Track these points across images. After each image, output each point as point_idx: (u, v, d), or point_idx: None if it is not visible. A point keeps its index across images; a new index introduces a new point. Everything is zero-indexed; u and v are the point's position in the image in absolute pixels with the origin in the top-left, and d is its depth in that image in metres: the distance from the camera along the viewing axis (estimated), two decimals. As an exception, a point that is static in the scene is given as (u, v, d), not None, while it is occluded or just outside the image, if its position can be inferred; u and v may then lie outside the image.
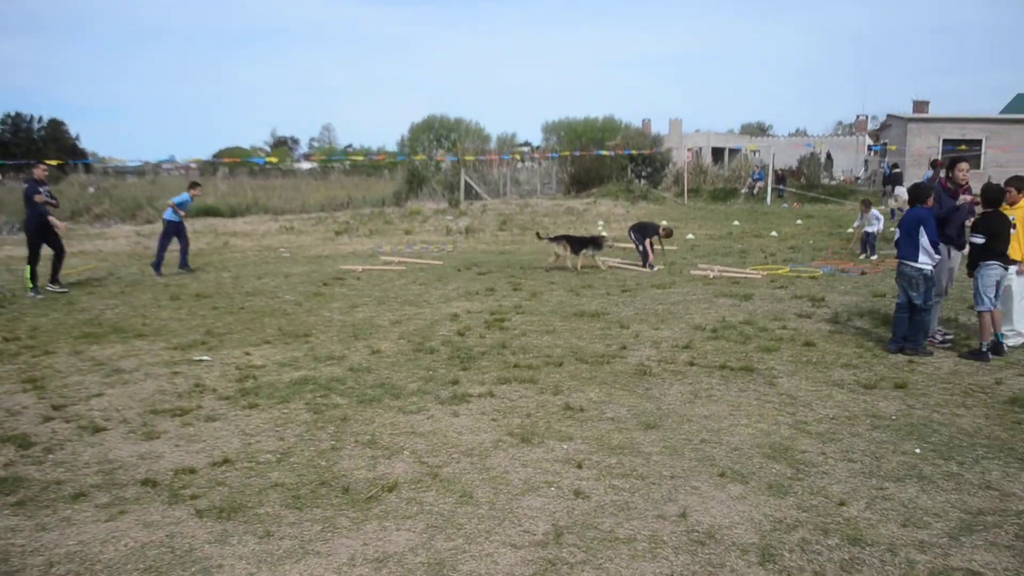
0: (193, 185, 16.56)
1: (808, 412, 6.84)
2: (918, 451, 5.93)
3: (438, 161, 38.41)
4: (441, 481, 5.37)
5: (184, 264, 15.71)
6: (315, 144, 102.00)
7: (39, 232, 13.13)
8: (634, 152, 37.83)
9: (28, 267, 13.08)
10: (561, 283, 13.73)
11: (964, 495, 5.19)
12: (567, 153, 40.51)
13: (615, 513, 4.89)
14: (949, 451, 5.94)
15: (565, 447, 5.98)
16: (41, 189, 13.14)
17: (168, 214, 15.73)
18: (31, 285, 12.96)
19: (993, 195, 8.55)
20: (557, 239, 15.76)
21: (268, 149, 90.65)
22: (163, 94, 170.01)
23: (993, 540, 4.58)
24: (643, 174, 39.27)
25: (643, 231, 16.13)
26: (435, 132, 76.83)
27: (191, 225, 25.66)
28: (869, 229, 17.50)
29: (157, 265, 15.26)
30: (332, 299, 12.21)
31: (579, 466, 5.59)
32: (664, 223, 19.11)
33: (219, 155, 68.53)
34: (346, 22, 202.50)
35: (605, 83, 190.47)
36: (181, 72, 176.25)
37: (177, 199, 15.82)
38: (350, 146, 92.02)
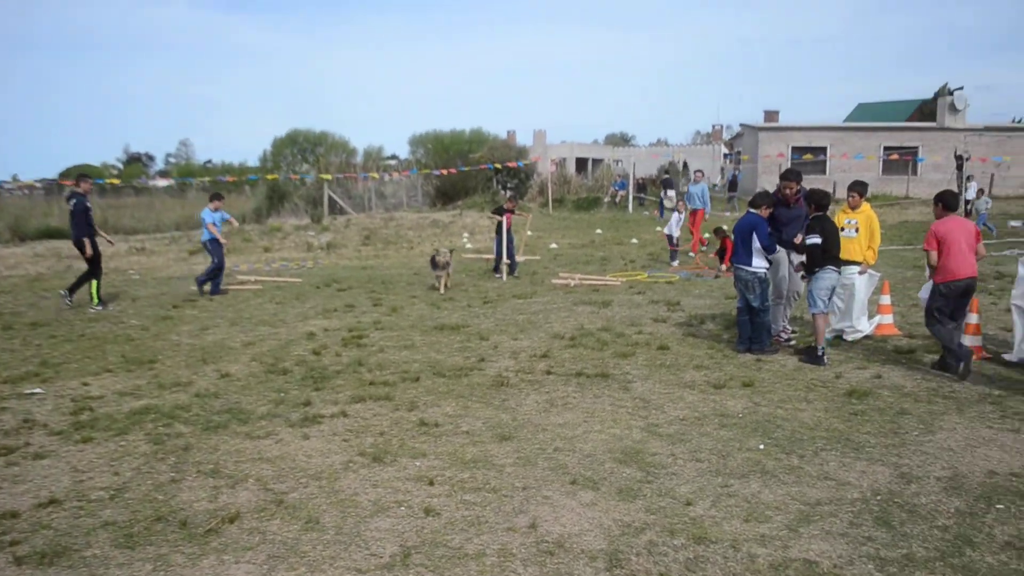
0: (215, 197, 15.09)
1: (660, 415, 6.97)
2: (762, 447, 6.13)
3: (295, 180, 37.52)
4: (286, 508, 5.16)
5: (205, 283, 14.57)
6: (172, 160, 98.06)
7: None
8: (498, 166, 38.07)
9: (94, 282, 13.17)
10: (423, 297, 13.61)
11: (803, 487, 5.38)
12: (426, 171, 40.35)
13: (465, 529, 4.82)
14: (791, 445, 6.16)
15: (418, 464, 5.86)
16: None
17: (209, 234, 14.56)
18: (97, 300, 13.11)
19: (820, 199, 8.93)
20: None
21: (120, 166, 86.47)
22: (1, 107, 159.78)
23: (829, 529, 4.76)
24: (509, 185, 39.60)
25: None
26: (299, 146, 75.12)
27: (32, 248, 24.23)
28: (675, 232, 18.24)
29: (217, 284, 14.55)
30: (181, 322, 11.67)
31: (431, 483, 5.49)
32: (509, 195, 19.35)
33: (66, 173, 64.84)
34: (204, 32, 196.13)
35: (471, 95, 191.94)
36: (24, 84, 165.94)
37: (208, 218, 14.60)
38: (209, 161, 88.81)
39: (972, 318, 8.90)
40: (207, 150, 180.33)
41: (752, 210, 9.14)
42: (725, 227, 17.51)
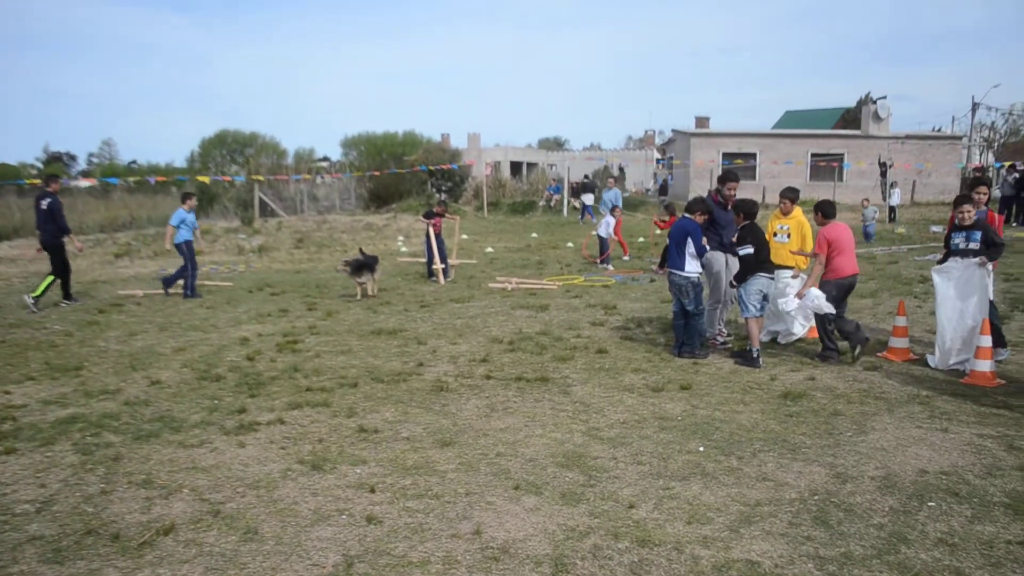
0: (189, 196, 15.07)
1: (600, 418, 6.99)
2: (701, 449, 6.19)
3: (225, 182, 36.78)
4: (224, 518, 5.02)
5: (172, 284, 14.60)
6: (94, 160, 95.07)
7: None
8: (431, 168, 37.91)
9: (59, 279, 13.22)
10: (358, 301, 13.45)
11: (743, 488, 5.45)
12: (359, 173, 39.97)
13: (409, 536, 4.75)
14: (729, 447, 6.24)
15: (358, 471, 5.77)
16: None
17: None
18: (40, 294, 13.00)
19: (748, 209, 9.09)
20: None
21: (40, 166, 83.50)
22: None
23: (769, 529, 4.82)
24: (443, 188, 39.49)
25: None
26: (228, 147, 73.66)
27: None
28: (602, 233, 18.52)
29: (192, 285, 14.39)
30: (108, 327, 11.31)
31: (372, 490, 5.41)
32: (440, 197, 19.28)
33: (-19, 174, 62.37)
34: (127, 28, 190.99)
35: (404, 97, 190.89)
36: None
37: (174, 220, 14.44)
38: (134, 162, 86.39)
39: (900, 320, 9.16)
40: (132, 150, 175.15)
41: (687, 215, 9.25)
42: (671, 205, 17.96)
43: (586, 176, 38.94)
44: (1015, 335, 9.79)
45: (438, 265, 15.85)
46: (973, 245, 8.35)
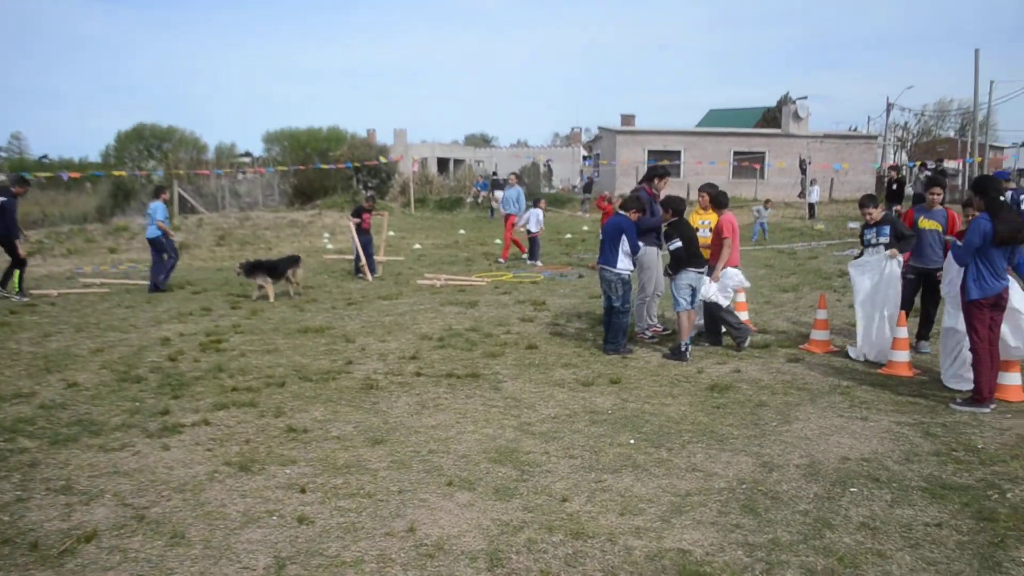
0: (162, 190, 15.63)
1: (532, 413, 7.02)
2: (632, 442, 6.26)
3: (142, 176, 35.77)
4: (148, 523, 4.87)
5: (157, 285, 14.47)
6: (2, 155, 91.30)
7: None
8: (356, 164, 37.51)
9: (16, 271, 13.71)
10: (284, 299, 13.22)
11: (673, 479, 5.53)
12: (283, 168, 39.33)
13: (341, 536, 4.68)
14: (659, 439, 6.33)
15: (288, 472, 5.66)
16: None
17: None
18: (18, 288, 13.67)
19: (676, 205, 9.25)
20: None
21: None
22: None
23: (699, 519, 4.90)
24: (369, 185, 39.10)
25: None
26: (146, 141, 71.60)
27: None
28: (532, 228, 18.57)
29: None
30: (20, 328, 10.86)
31: (303, 490, 5.31)
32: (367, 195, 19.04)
33: None
34: (34, 18, 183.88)
35: (328, 93, 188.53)
36: None
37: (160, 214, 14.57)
38: (46, 156, 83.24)
39: (820, 314, 9.43)
40: (43, 144, 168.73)
41: (622, 212, 9.33)
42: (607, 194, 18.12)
43: (494, 174, 39.16)
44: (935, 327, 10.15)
45: (363, 262, 15.71)
46: (883, 239, 8.66)
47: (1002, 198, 7.10)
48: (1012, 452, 5.95)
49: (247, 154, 67.16)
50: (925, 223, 8.78)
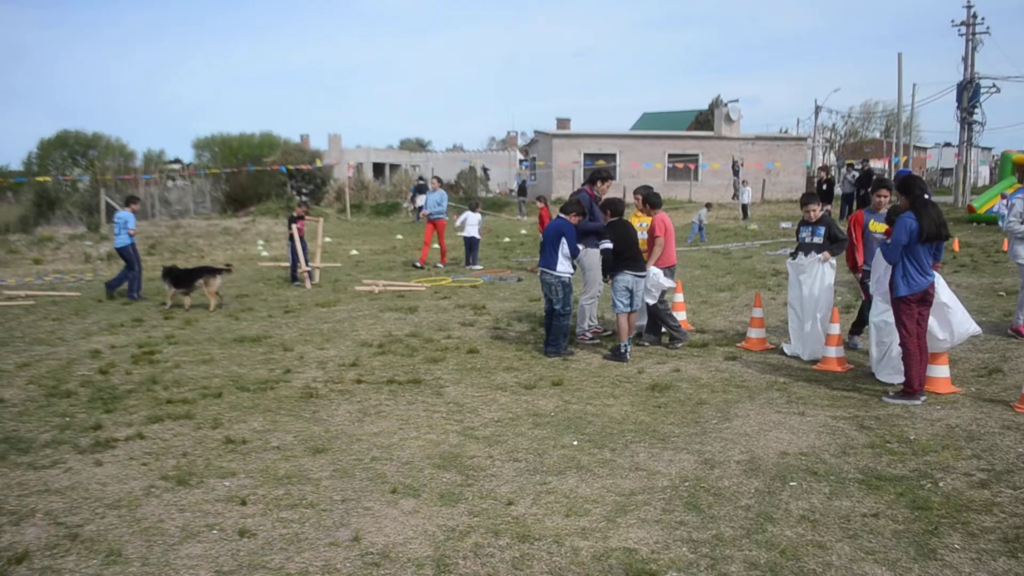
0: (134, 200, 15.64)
1: (475, 418, 7.00)
2: (575, 443, 6.29)
3: (67, 181, 34.74)
4: (83, 542, 4.71)
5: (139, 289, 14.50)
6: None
7: None
8: (290, 168, 37.01)
9: None
10: (219, 308, 12.95)
11: (617, 479, 5.56)
12: (214, 172, 38.58)
13: (285, 547, 4.59)
14: (602, 439, 6.36)
15: (227, 484, 5.54)
16: None
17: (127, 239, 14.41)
18: None
19: (615, 206, 9.34)
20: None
21: None
22: None
23: (644, 517, 4.94)
24: (304, 191, 38.63)
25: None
26: (70, 148, 69.52)
27: None
28: (473, 234, 18.51)
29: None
30: (-59, 344, 10.44)
31: (243, 503, 5.20)
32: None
33: None
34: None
35: (260, 98, 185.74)
36: None
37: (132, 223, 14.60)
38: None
39: (756, 312, 9.60)
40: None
41: (562, 216, 9.37)
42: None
43: (420, 178, 39.18)
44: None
45: (304, 268, 15.50)
46: (817, 239, 8.85)
47: (926, 196, 7.32)
48: (943, 443, 6.14)
49: (177, 161, 65.77)
50: (875, 226, 8.98)
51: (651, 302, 9.47)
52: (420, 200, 33.23)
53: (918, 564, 4.30)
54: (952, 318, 7.38)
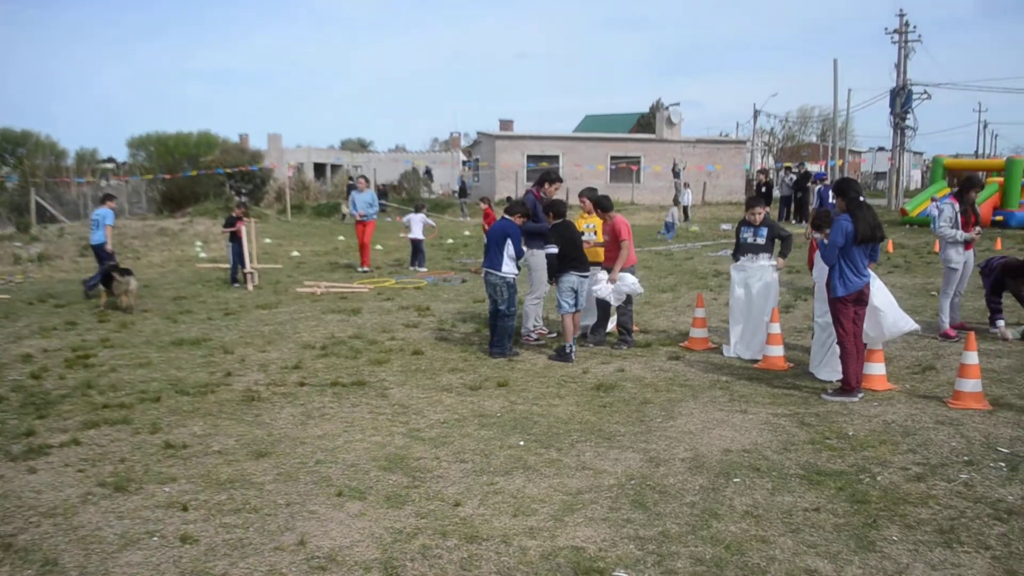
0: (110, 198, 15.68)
1: (420, 419, 6.96)
2: (522, 443, 6.29)
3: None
4: (17, 552, 4.55)
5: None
6: None
7: None
8: (227, 170, 36.39)
9: None
10: (156, 310, 12.67)
11: (564, 478, 5.58)
12: (150, 176, 37.78)
13: (228, 553, 4.50)
14: (549, 439, 6.38)
15: (167, 490, 5.42)
16: None
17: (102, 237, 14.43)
18: None
19: (557, 208, 9.37)
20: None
21: None
22: None
23: (591, 516, 4.96)
24: (243, 191, 38.00)
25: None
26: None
27: None
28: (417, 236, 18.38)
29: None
30: None
31: (185, 508, 5.09)
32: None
33: None
34: None
35: (197, 97, 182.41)
36: None
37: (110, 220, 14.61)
38: None
39: (699, 312, 9.73)
40: None
41: (507, 216, 9.37)
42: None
43: (351, 178, 39.02)
44: (798, 322, 10.65)
45: (248, 270, 15.25)
46: (760, 240, 9.00)
47: (861, 199, 7.50)
48: (880, 438, 6.29)
49: (110, 160, 64.16)
50: None
51: (615, 303, 9.57)
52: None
53: (858, 556, 4.40)
54: (883, 320, 7.56)
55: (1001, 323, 9.67)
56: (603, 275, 9.43)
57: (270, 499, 5.25)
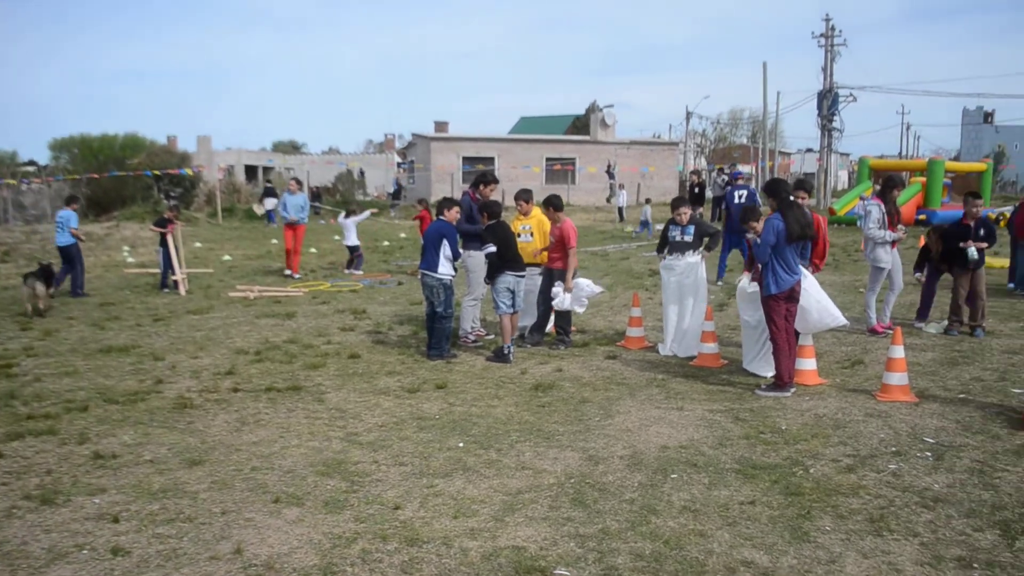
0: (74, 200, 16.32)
1: (358, 423, 6.89)
2: (461, 445, 6.28)
3: None
4: (-66, 570, 4.38)
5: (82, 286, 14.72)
6: None
7: None
8: (156, 173, 35.54)
9: None
10: (82, 317, 12.30)
11: (504, 479, 5.59)
12: (73, 178, 36.68)
13: (162, 564, 4.39)
14: (488, 440, 6.38)
15: (97, 501, 5.26)
16: None
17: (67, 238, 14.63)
18: None
19: (492, 209, 9.38)
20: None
21: None
22: None
23: (532, 515, 4.98)
24: (172, 194, 37.15)
25: None
26: (-98, 150, 64.45)
27: None
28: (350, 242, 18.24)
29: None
30: None
31: (116, 520, 4.95)
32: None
33: None
34: None
35: (122, 98, 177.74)
36: None
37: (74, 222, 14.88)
38: None
39: (635, 311, 9.85)
40: None
41: (442, 218, 9.33)
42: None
43: (268, 180, 38.65)
44: (732, 320, 10.84)
45: (180, 275, 14.90)
46: (687, 238, 9.15)
47: (791, 198, 7.67)
48: (812, 431, 6.45)
49: (31, 163, 62.06)
50: None
51: (581, 311, 9.71)
52: (269, 204, 32.74)
53: (793, 547, 4.49)
54: (809, 317, 7.73)
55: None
56: (558, 288, 9.47)
57: (205, 508, 5.14)
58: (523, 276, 9.26)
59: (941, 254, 10.27)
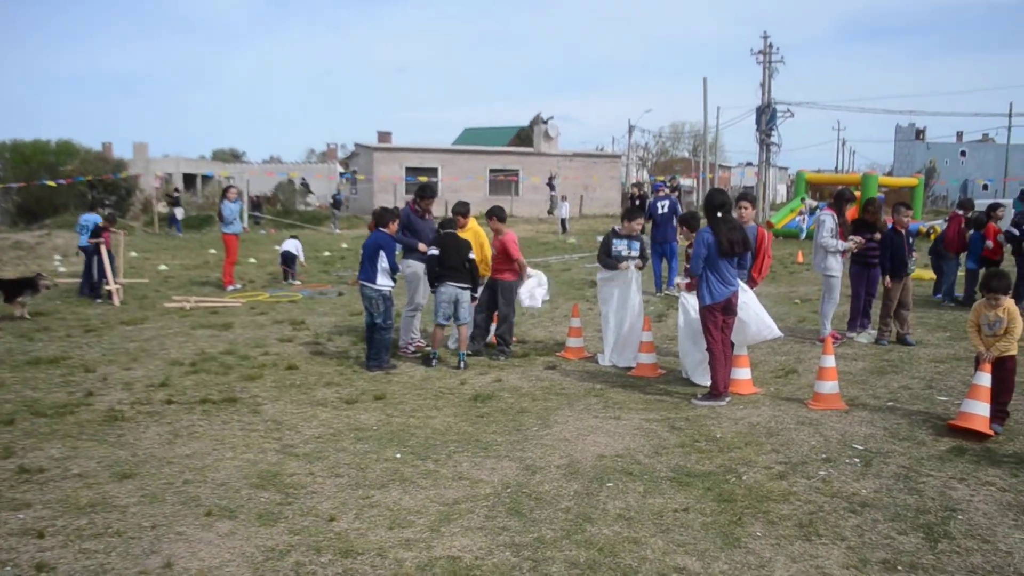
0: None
1: (295, 435, 6.82)
2: (399, 456, 6.25)
3: None
4: None
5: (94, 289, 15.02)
6: None
7: None
8: (89, 178, 34.73)
9: None
10: (9, 328, 11.94)
11: (441, 489, 5.58)
12: (2, 185, 35.65)
13: (87, 581, 4.29)
14: (426, 451, 6.36)
15: (21, 517, 5.11)
16: None
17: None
18: None
19: (456, 210, 9.43)
20: None
21: None
22: None
23: (468, 525, 4.98)
24: (107, 202, 36.32)
25: None
26: None
27: None
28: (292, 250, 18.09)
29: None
30: None
31: (41, 535, 4.81)
32: None
33: None
34: None
35: (55, 103, 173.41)
36: None
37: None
38: None
39: (574, 322, 9.93)
40: None
41: (381, 228, 9.30)
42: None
43: (176, 189, 38.25)
44: (671, 330, 10.98)
45: (113, 285, 14.55)
46: (633, 252, 9.26)
47: (728, 212, 7.81)
48: (745, 439, 6.57)
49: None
50: None
51: (538, 306, 10.17)
52: (178, 213, 32.49)
53: (724, 553, 4.58)
54: (747, 330, 7.90)
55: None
56: (523, 292, 9.91)
57: (134, 522, 5.03)
58: (466, 288, 9.25)
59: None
